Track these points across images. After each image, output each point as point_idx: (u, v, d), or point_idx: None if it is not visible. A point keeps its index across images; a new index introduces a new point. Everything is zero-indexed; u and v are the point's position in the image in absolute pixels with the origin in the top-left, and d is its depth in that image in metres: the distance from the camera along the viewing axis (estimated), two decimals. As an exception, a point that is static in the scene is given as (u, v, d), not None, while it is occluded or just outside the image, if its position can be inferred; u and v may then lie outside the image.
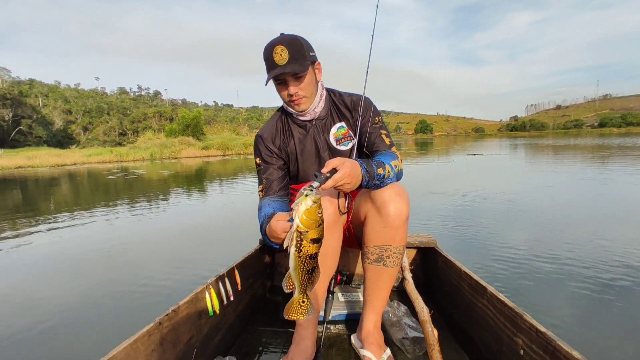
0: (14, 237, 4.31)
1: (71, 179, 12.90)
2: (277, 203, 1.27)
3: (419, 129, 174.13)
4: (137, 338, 0.91)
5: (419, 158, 16.45)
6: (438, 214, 4.52)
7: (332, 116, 1.38)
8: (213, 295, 1.26)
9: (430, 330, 1.14)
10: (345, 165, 0.98)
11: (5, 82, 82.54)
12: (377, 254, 1.22)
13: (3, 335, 1.99)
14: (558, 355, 0.85)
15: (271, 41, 1.20)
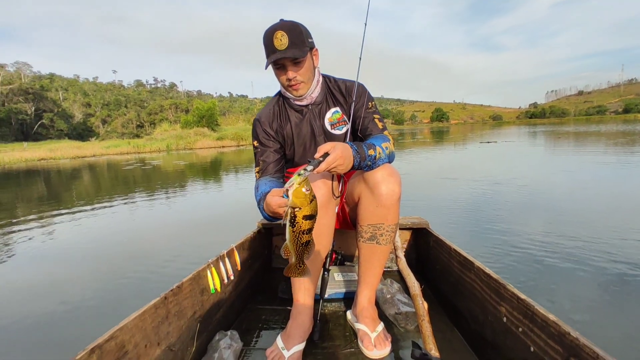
0: (41, 227, 4.52)
1: (91, 170, 13.30)
2: (273, 183, 1.33)
3: (434, 117, 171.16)
4: (145, 310, 0.98)
5: (432, 146, 16.27)
6: (435, 198, 4.71)
7: (327, 101, 1.42)
8: (214, 274, 1.33)
9: (420, 303, 1.20)
10: (336, 148, 1.02)
11: (27, 77, 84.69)
12: (370, 233, 1.27)
13: (34, 314, 2.17)
14: (536, 319, 0.91)
15: (271, 26, 1.23)
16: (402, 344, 1.30)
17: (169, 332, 1.07)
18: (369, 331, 1.27)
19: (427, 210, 4.02)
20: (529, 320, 0.94)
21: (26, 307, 2.25)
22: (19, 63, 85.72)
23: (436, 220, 3.51)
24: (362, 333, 1.28)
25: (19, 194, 7.97)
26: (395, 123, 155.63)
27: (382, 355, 1.21)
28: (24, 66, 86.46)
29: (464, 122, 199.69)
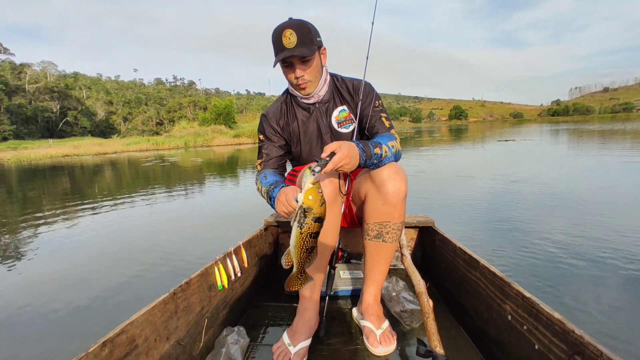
0: (61, 221, 4.70)
1: (111, 166, 13.66)
2: (280, 175, 1.36)
3: (453, 115, 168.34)
4: (155, 305, 1.00)
5: (448, 145, 16.06)
6: (447, 196, 4.74)
7: (334, 100, 1.43)
8: (222, 271, 1.36)
9: (425, 300, 1.20)
10: (342, 147, 1.03)
11: (53, 76, 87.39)
12: (376, 230, 1.28)
13: (49, 306, 2.27)
14: (541, 317, 0.92)
15: (280, 25, 1.24)
16: (407, 341, 1.30)
17: (177, 327, 1.09)
18: (375, 328, 1.28)
19: (438, 208, 4.07)
20: (534, 318, 0.95)
21: (41, 300, 2.35)
22: (45, 62, 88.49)
23: (446, 219, 3.59)
24: (368, 330, 1.29)
25: (45, 189, 8.28)
26: (412, 121, 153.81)
27: (387, 352, 1.22)
28: (49, 65, 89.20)
29: (482, 120, 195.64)
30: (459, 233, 3.15)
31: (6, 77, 72.61)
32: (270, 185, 1.24)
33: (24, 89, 72.38)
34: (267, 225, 1.93)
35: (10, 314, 2.20)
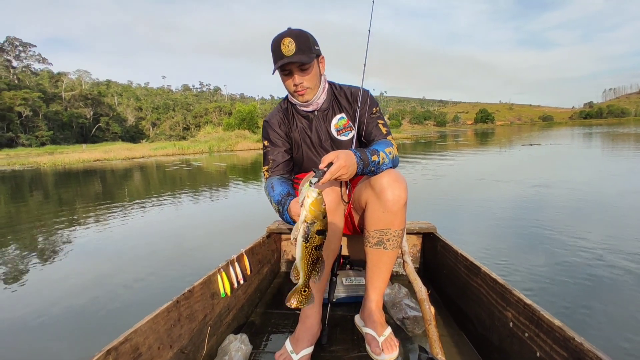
0: (94, 223, 4.90)
1: (137, 171, 14.09)
2: (288, 184, 1.36)
3: (478, 118, 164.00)
4: (158, 313, 1.01)
5: (470, 149, 15.70)
6: (449, 201, 4.71)
7: (333, 108, 1.45)
8: (224, 278, 1.37)
9: (427, 307, 1.20)
10: (339, 157, 1.04)
11: (87, 84, 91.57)
12: (377, 238, 1.28)
13: (81, 300, 2.42)
14: (542, 324, 0.92)
15: (279, 34, 1.26)
16: (409, 348, 1.30)
17: (180, 335, 1.10)
18: (377, 335, 1.28)
19: (442, 213, 4.03)
20: (535, 325, 0.95)
21: (46, 302, 2.43)
22: (80, 71, 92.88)
23: (451, 224, 3.51)
24: (370, 337, 1.29)
25: (78, 191, 8.67)
26: (437, 125, 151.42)
27: (389, 359, 1.22)
28: (84, 74, 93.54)
29: (510, 123, 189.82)
30: (465, 238, 3.13)
31: (45, 85, 76.70)
32: (279, 204, 1.24)
33: (60, 96, 76.16)
34: (269, 233, 1.94)
35: (12, 318, 2.25)
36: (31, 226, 4.87)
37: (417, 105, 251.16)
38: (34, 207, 6.63)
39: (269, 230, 1.96)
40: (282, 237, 2.08)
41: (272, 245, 1.98)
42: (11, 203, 7.50)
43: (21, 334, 2.05)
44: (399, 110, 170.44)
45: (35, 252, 3.63)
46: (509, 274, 2.38)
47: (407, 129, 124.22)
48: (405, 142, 26.89)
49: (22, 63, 79.09)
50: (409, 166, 9.54)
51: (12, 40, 77.32)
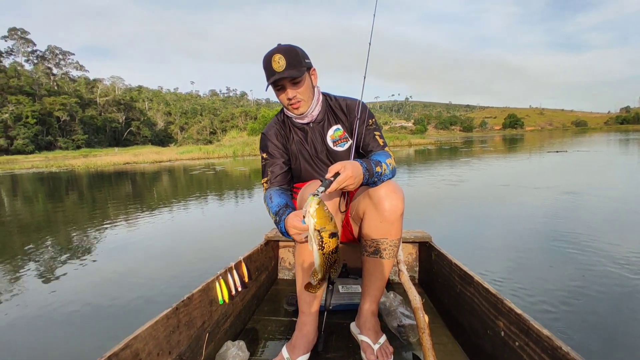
0: (116, 224, 5.11)
1: (162, 174, 14.55)
2: (285, 194, 1.39)
3: (507, 123, 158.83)
4: (158, 320, 1.03)
5: (493, 155, 15.33)
6: (440, 210, 4.70)
7: (328, 119, 1.47)
8: (222, 286, 1.39)
9: (421, 316, 1.21)
10: (346, 167, 1.07)
11: (120, 90, 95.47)
12: (374, 247, 1.31)
13: (101, 298, 2.52)
14: (531, 334, 0.94)
15: (269, 51, 1.30)
16: (404, 356, 1.32)
17: (179, 341, 1.12)
18: (372, 343, 1.30)
19: (436, 223, 4.04)
20: (525, 335, 0.97)
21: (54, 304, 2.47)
22: (114, 77, 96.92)
23: (450, 233, 3.50)
24: (365, 344, 1.31)
25: (109, 192, 9.07)
26: (463, 130, 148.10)
27: (384, 366, 1.23)
28: (117, 80, 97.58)
29: (540, 128, 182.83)
30: (458, 247, 3.14)
31: (81, 91, 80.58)
32: (276, 215, 1.26)
33: (95, 101, 79.82)
34: (267, 240, 1.97)
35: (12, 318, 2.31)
36: (31, 229, 5.13)
37: (443, 110, 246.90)
38: (55, 207, 6.99)
39: (267, 237, 1.98)
40: (279, 244, 2.11)
41: (270, 253, 2.00)
42: (49, 202, 7.94)
43: (20, 336, 2.10)
44: (425, 116, 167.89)
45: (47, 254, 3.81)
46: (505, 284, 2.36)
47: (433, 134, 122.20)
48: (429, 147, 26.48)
49: (62, 70, 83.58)
50: (425, 173, 9.44)
51: (53, 49, 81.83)
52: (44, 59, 79.32)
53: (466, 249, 3.13)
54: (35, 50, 77.89)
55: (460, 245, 3.24)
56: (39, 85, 69.68)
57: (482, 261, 2.81)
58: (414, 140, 35.28)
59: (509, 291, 2.25)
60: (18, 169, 23.85)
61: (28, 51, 76.73)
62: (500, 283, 2.38)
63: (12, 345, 2.01)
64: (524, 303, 2.10)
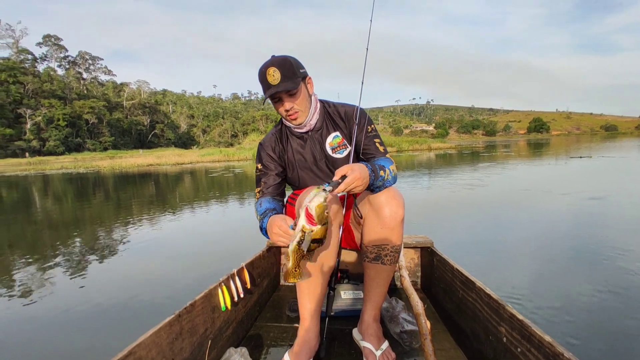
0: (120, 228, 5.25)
1: (182, 176, 14.88)
2: (277, 203, 1.41)
3: (532, 127, 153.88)
4: (161, 327, 1.03)
5: (513, 160, 14.92)
6: (452, 216, 4.65)
7: (327, 127, 1.47)
8: (225, 292, 1.39)
9: (423, 322, 1.21)
10: (354, 169, 1.09)
11: (145, 93, 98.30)
12: (375, 253, 1.31)
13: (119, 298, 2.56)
14: (533, 340, 0.94)
15: (264, 64, 1.30)
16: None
17: (182, 348, 1.12)
18: (374, 349, 1.30)
19: (451, 229, 3.98)
20: (527, 341, 0.97)
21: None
22: (140, 81, 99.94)
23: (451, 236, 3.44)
24: (367, 351, 1.31)
25: (132, 193, 9.36)
26: (486, 134, 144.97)
27: (386, 372, 1.23)
28: (143, 84, 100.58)
29: (567, 133, 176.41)
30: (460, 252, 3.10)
31: (109, 95, 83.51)
32: (262, 215, 1.29)
33: (122, 105, 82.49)
34: (269, 246, 1.97)
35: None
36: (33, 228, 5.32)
37: (465, 114, 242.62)
38: (75, 206, 7.26)
39: (269, 243, 1.98)
40: (281, 250, 2.11)
41: (272, 259, 2.00)
42: (76, 202, 8.29)
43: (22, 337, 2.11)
44: (446, 119, 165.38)
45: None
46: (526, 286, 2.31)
47: (454, 139, 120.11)
48: (448, 152, 26.06)
49: (91, 75, 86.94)
50: (441, 177, 9.31)
51: (83, 54, 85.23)
52: (74, 64, 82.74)
53: (477, 254, 3.09)
54: (67, 55, 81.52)
55: (470, 250, 3.20)
56: (70, 90, 72.69)
57: (494, 267, 2.78)
58: (433, 144, 34.81)
59: (515, 298, 2.22)
60: (49, 169, 24.91)
61: (60, 57, 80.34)
62: (511, 290, 2.34)
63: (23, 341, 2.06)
64: (527, 309, 2.07)
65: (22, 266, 3.44)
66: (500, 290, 2.20)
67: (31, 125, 60.19)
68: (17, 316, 2.38)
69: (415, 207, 5.35)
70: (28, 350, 1.98)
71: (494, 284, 2.25)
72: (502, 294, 2.10)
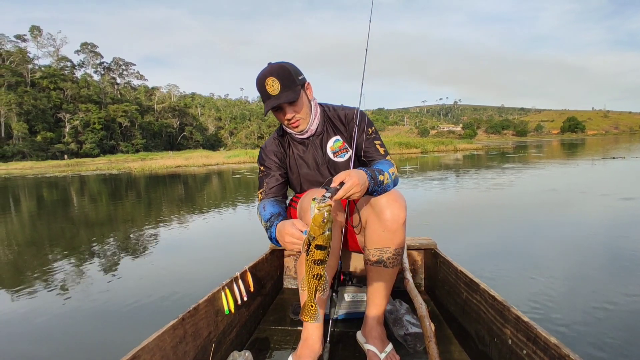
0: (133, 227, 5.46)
1: (210, 176, 15.23)
2: (280, 205, 1.40)
3: (566, 127, 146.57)
4: (165, 331, 1.02)
5: (534, 162, 14.33)
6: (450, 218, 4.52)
7: (327, 131, 1.47)
8: (228, 296, 1.38)
9: (427, 324, 1.20)
10: (352, 175, 1.07)
11: (175, 97, 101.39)
12: (377, 256, 1.31)
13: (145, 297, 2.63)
14: (539, 342, 0.93)
15: (261, 72, 1.29)
16: None
17: (186, 352, 1.12)
18: (378, 352, 1.30)
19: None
20: (532, 343, 0.96)
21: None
22: (170, 85, 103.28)
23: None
24: (372, 354, 1.31)
25: (164, 193, 9.73)
26: (516, 134, 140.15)
27: (391, 375, 1.23)
28: (173, 87, 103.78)
29: (604, 132, 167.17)
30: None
31: (141, 99, 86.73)
32: (268, 222, 1.26)
33: (153, 108, 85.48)
34: (272, 249, 1.96)
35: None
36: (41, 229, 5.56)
37: (494, 114, 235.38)
38: (98, 206, 7.60)
39: (272, 246, 1.97)
40: (284, 253, 2.10)
41: (275, 262, 2.00)
42: (111, 202, 8.70)
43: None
44: (474, 120, 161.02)
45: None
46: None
47: (483, 139, 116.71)
48: (474, 152, 25.37)
49: (124, 80, 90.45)
50: (464, 179, 9.10)
51: (117, 60, 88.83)
52: (109, 70, 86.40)
53: (486, 257, 3.04)
54: (102, 62, 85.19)
55: (479, 252, 3.15)
56: (105, 94, 76.21)
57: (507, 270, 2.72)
58: (460, 145, 33.99)
59: (525, 302, 2.17)
60: (85, 170, 26.13)
61: (96, 63, 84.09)
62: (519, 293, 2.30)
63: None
64: (536, 311, 2.03)
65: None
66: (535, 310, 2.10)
67: (69, 128, 63.57)
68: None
69: (438, 210, 5.27)
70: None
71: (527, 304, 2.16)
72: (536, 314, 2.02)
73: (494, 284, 2.19)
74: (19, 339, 2.10)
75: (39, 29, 75.47)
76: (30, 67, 68.30)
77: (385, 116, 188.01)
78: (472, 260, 2.97)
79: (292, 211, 1.46)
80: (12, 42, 70.27)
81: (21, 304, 2.61)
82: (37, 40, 75.54)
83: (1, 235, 5.11)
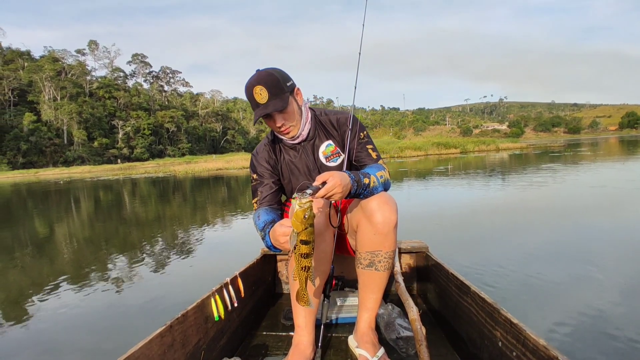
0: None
1: (246, 178, 15.63)
2: (275, 213, 1.41)
3: (625, 123, 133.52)
4: (152, 339, 1.00)
5: (585, 161, 13.23)
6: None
7: (319, 135, 1.46)
8: (218, 302, 1.35)
9: (419, 327, 1.19)
10: (334, 176, 1.09)
11: (218, 102, 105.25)
12: (369, 260, 1.30)
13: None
14: (528, 344, 0.94)
15: (249, 81, 1.29)
16: None
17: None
18: (370, 356, 1.29)
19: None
20: (522, 345, 0.96)
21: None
22: (213, 91, 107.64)
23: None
24: (363, 358, 1.30)
25: (208, 195, 10.22)
26: (568, 132, 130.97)
27: (382, 379, 1.23)
28: (216, 93, 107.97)
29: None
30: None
31: (186, 105, 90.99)
32: (262, 230, 1.27)
33: (197, 113, 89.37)
34: (264, 254, 1.94)
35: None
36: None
37: (544, 111, 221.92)
38: (138, 207, 8.06)
39: (263, 251, 1.94)
40: (277, 257, 2.07)
41: (267, 267, 1.97)
42: (159, 203, 9.29)
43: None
44: (521, 117, 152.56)
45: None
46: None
47: (531, 138, 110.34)
48: (517, 152, 24.03)
49: (171, 87, 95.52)
50: (494, 180, 8.72)
51: (165, 69, 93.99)
52: (157, 78, 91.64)
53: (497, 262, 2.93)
54: (151, 71, 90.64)
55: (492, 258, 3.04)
56: (153, 101, 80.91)
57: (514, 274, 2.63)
58: (502, 144, 32.43)
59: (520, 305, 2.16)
60: (135, 174, 27.90)
61: (146, 72, 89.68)
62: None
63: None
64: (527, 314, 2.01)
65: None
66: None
67: (122, 134, 68.31)
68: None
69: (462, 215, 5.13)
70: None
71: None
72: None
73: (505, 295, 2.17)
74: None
75: (96, 43, 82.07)
76: (88, 79, 74.28)
77: (426, 116, 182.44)
78: (475, 267, 2.90)
79: (286, 217, 1.48)
80: (74, 56, 77.18)
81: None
82: (94, 53, 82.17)
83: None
